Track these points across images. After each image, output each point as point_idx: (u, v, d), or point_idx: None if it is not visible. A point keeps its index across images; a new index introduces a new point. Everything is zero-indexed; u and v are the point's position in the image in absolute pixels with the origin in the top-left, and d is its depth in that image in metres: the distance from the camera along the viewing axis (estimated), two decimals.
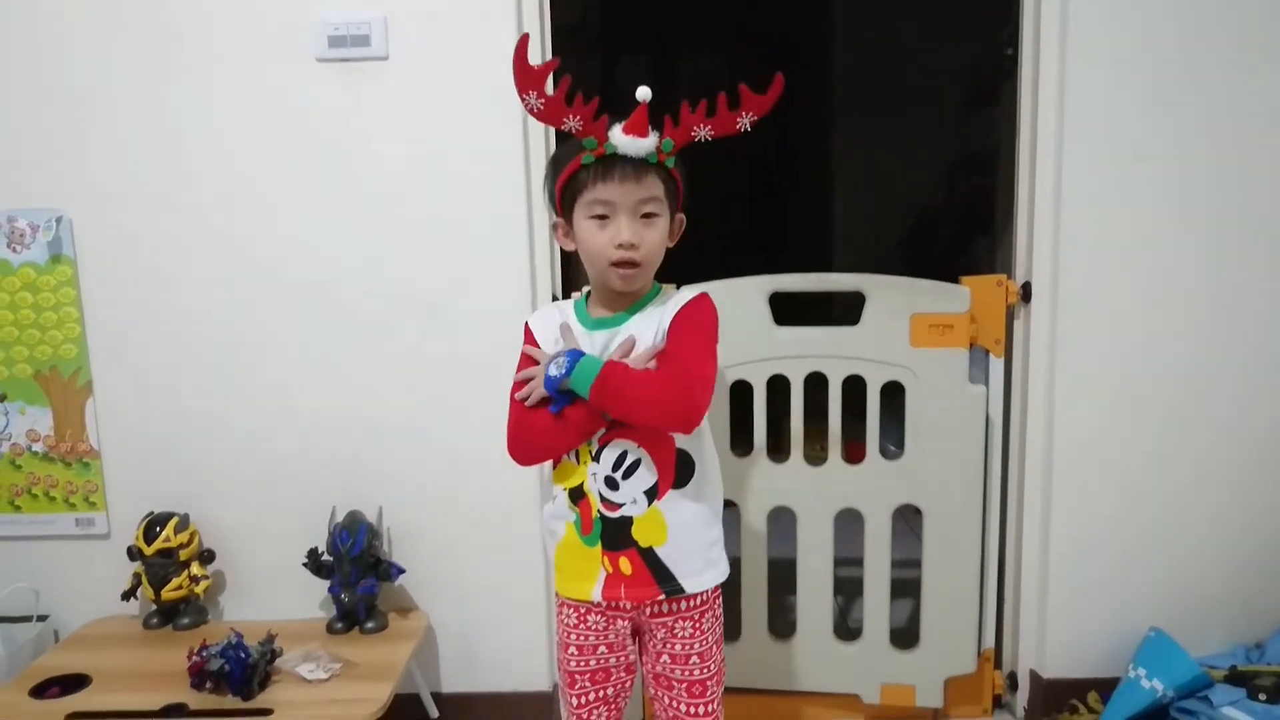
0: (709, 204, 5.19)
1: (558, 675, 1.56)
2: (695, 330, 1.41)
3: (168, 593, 2.04)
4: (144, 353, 2.06)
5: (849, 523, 2.15)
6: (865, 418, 2.10)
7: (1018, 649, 2.21)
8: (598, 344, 1.44)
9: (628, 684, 1.54)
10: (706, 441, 1.49)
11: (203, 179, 2.01)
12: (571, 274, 2.30)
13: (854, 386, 2.09)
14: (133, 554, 2.04)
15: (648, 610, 1.48)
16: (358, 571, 2.00)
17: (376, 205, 2.01)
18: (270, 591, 2.13)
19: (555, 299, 2.08)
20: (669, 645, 1.49)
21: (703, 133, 1.40)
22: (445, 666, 2.16)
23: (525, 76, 1.37)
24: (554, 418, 1.41)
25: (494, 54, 1.95)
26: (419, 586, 2.13)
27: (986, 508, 2.12)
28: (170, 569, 2.04)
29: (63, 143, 2.00)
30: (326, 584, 2.03)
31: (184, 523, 2.06)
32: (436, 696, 2.14)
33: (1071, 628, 2.13)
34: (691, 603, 1.48)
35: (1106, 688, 2.07)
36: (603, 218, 1.39)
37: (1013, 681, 2.22)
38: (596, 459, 1.43)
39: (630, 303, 1.46)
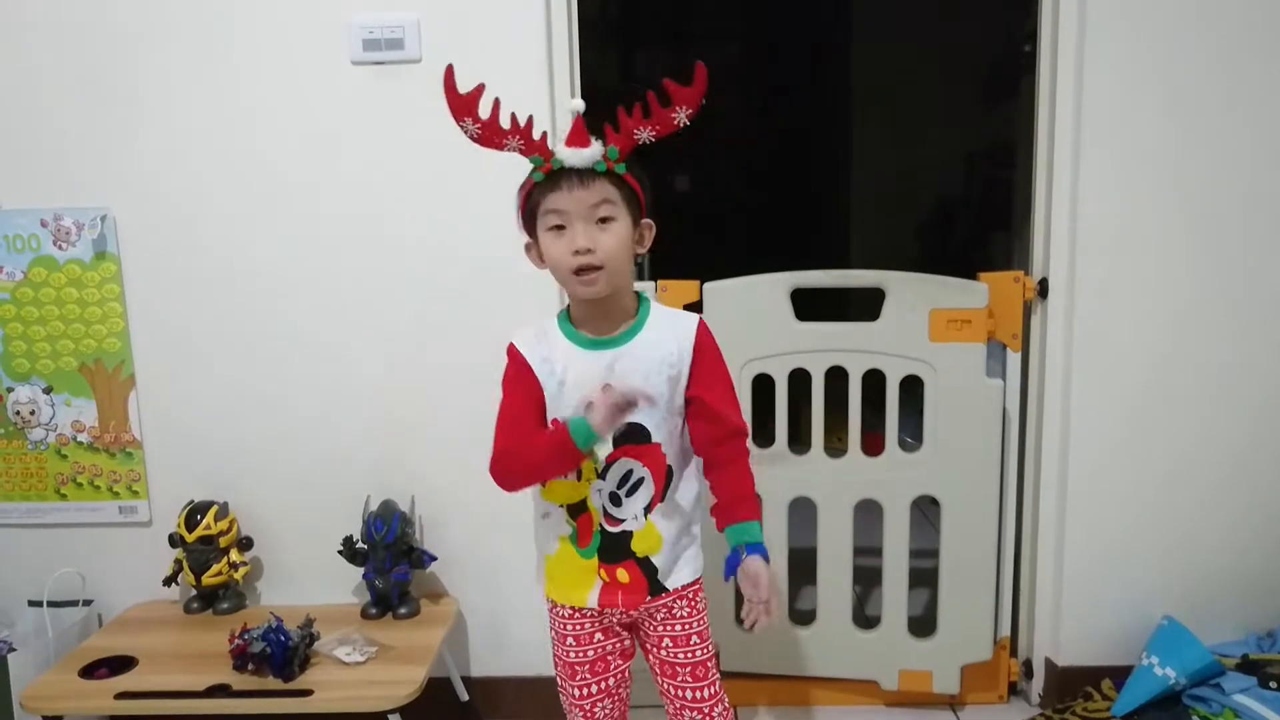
0: (728, 197, 5.23)
1: (555, 670, 1.58)
2: (724, 376, 1.48)
3: (208, 578, 2.10)
4: (185, 347, 2.13)
5: (868, 513, 2.20)
6: (885, 411, 2.15)
7: (1033, 637, 2.25)
8: (601, 364, 1.43)
9: (625, 672, 1.57)
10: (686, 455, 1.51)
11: (243, 178, 2.07)
12: None
13: (874, 380, 2.13)
14: (174, 541, 2.11)
15: (642, 621, 1.54)
16: (391, 559, 2.06)
17: (410, 202, 2.06)
18: (306, 577, 2.19)
19: None
20: (669, 628, 1.53)
21: (645, 134, 1.39)
22: (475, 651, 2.22)
23: (457, 105, 1.39)
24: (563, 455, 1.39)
25: (524, 54, 1.99)
26: (450, 573, 2.19)
27: (1003, 499, 2.16)
28: (210, 555, 2.10)
29: (108, 142, 2.06)
30: (361, 571, 2.10)
31: (223, 511, 2.13)
32: (466, 680, 2.21)
33: (1086, 616, 2.17)
34: (679, 602, 1.52)
35: (1120, 675, 2.11)
36: (560, 228, 1.39)
37: (1028, 669, 2.27)
38: (602, 476, 1.46)
39: (625, 320, 1.46)
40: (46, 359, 2.14)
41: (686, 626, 1.53)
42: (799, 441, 2.19)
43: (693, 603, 1.54)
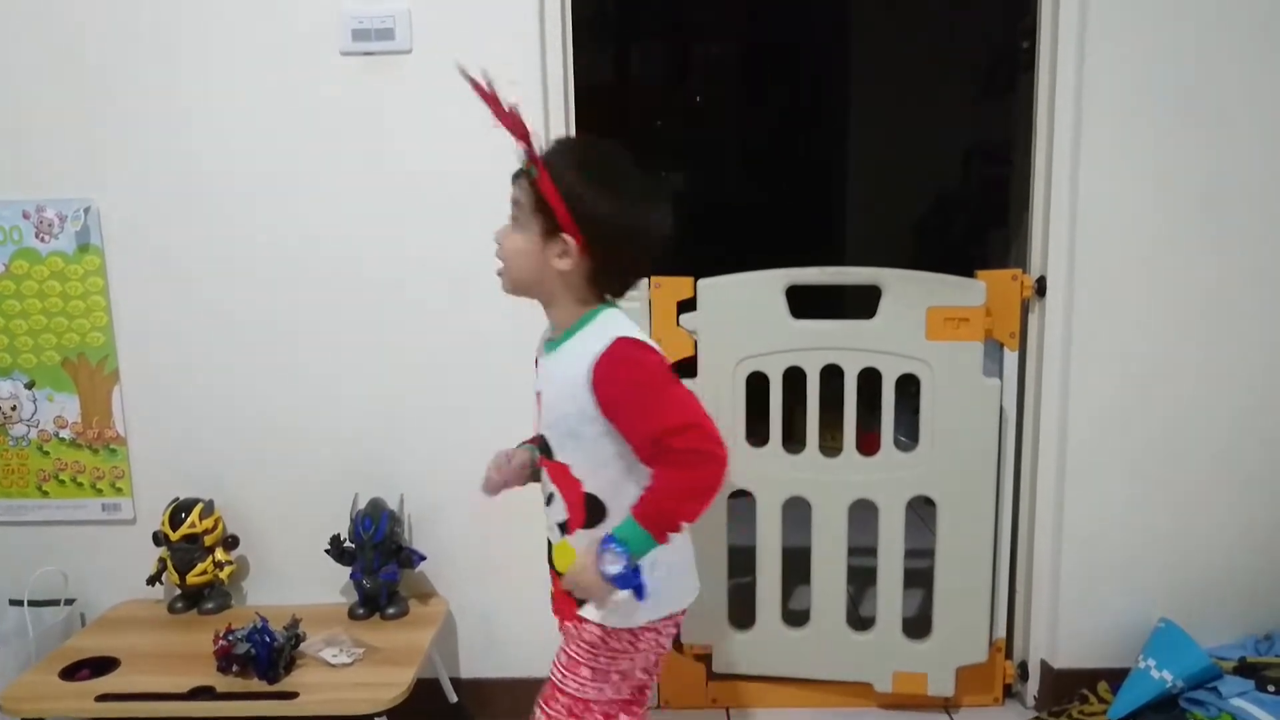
0: (723, 193, 5.22)
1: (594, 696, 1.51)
2: (630, 398, 1.33)
3: (192, 578, 2.07)
4: (170, 341, 2.09)
5: (863, 513, 2.17)
6: (880, 410, 2.13)
7: (1029, 639, 2.23)
8: (542, 368, 1.48)
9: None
10: (627, 491, 1.37)
11: (229, 170, 2.03)
12: None
13: (869, 379, 2.11)
14: (158, 539, 2.08)
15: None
16: (379, 558, 2.03)
17: (398, 196, 2.03)
18: (293, 577, 2.16)
19: None
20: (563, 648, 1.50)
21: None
22: (464, 652, 2.20)
23: (518, 129, 1.38)
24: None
25: (515, 45, 1.97)
26: (439, 573, 2.16)
27: (999, 499, 2.15)
28: (195, 554, 2.07)
29: (91, 133, 2.02)
30: (348, 570, 2.07)
31: (209, 509, 2.10)
32: (455, 681, 2.18)
33: (1082, 618, 2.16)
34: (577, 628, 1.46)
35: (1116, 678, 2.09)
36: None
37: (1023, 671, 2.25)
38: (537, 478, 1.52)
39: (561, 327, 1.44)
40: (29, 353, 2.11)
41: (565, 650, 1.49)
42: (794, 440, 2.16)
43: (581, 637, 1.45)
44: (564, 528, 1.45)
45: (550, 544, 1.50)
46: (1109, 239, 2.02)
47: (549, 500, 1.48)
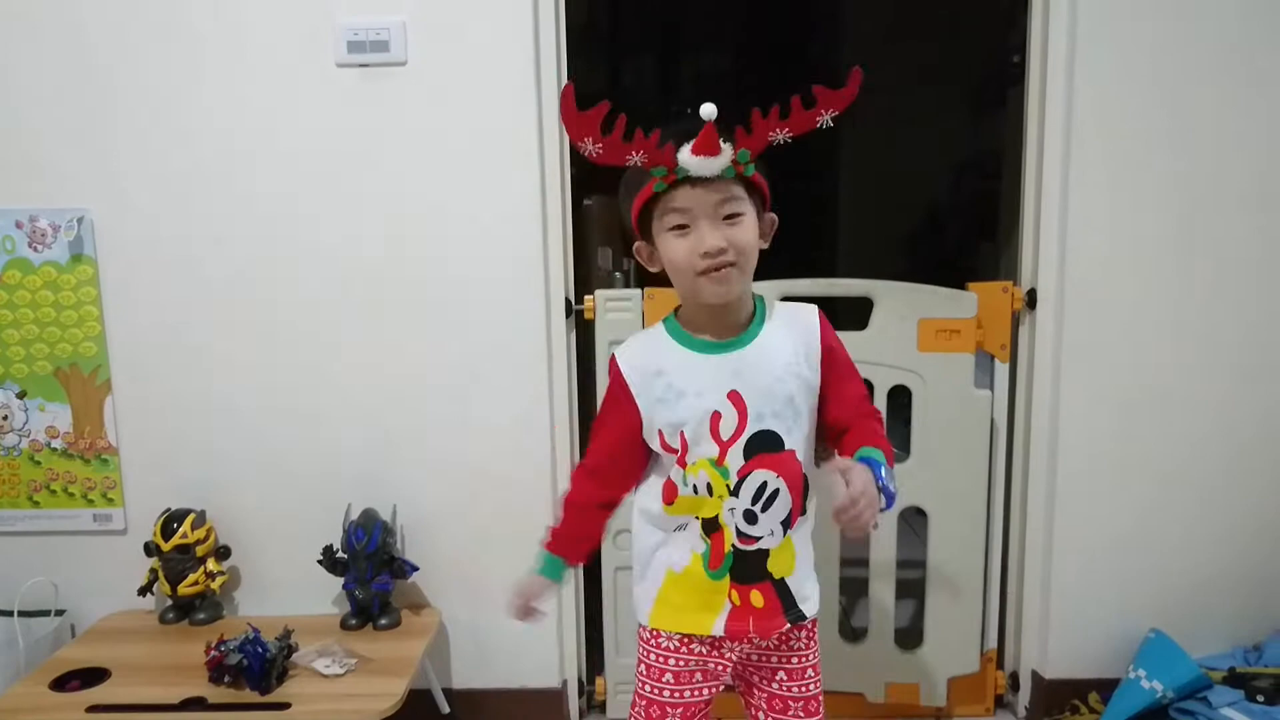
0: None
1: (635, 708, 1.47)
2: (845, 359, 1.41)
3: (184, 588, 2.06)
4: (163, 351, 2.09)
5: None
6: None
7: (1020, 649, 2.24)
8: (727, 369, 1.35)
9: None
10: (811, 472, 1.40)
11: (223, 180, 2.03)
12: (584, 274, 2.34)
13: None
14: (150, 550, 2.07)
15: (755, 656, 1.45)
16: (372, 568, 2.03)
17: (392, 207, 2.04)
18: (285, 588, 2.16)
19: (568, 301, 2.11)
20: (785, 660, 1.45)
21: (780, 136, 1.32)
22: (457, 662, 2.19)
23: (577, 125, 1.28)
24: None
25: (510, 58, 1.98)
26: (432, 583, 2.16)
27: (990, 511, 2.16)
28: (187, 565, 2.06)
29: (86, 142, 2.02)
30: (341, 580, 2.06)
31: (200, 519, 2.09)
32: (448, 692, 2.17)
33: (1073, 629, 2.16)
34: (798, 634, 1.44)
35: (1107, 688, 2.10)
36: (683, 227, 1.30)
37: (1014, 681, 2.26)
38: (735, 493, 1.34)
39: (743, 320, 1.38)
40: (21, 363, 2.10)
41: (803, 660, 1.45)
42: None
43: (811, 634, 1.46)
44: (787, 524, 1.36)
45: (734, 557, 1.37)
46: (1099, 252, 2.03)
47: (767, 504, 1.35)
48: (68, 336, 2.09)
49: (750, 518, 1.35)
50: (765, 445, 1.34)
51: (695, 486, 1.36)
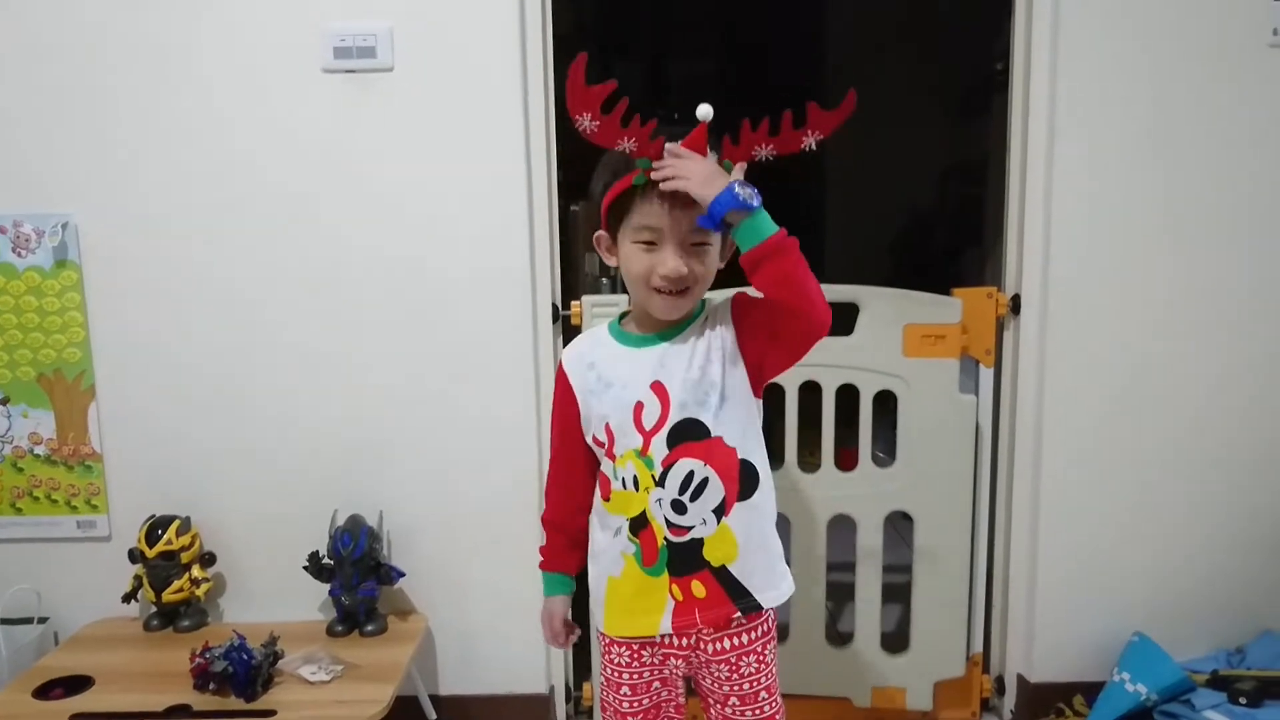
0: None
1: (603, 716, 1.51)
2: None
3: (169, 595, 2.05)
4: (147, 357, 2.08)
5: (841, 529, 2.19)
6: (858, 426, 2.14)
7: (1005, 653, 2.25)
8: (651, 360, 1.36)
9: None
10: (762, 448, 1.42)
11: (209, 186, 2.03)
12: (571, 280, 2.34)
13: (847, 395, 2.12)
14: (134, 556, 2.06)
15: (710, 647, 1.41)
16: (358, 574, 2.03)
17: (379, 213, 2.03)
18: (270, 594, 2.15)
19: (555, 306, 2.11)
20: (737, 687, 1.43)
21: (764, 152, 1.34)
22: (444, 669, 2.18)
23: (581, 98, 1.28)
24: None
25: (497, 63, 1.98)
26: (418, 590, 2.16)
27: (975, 515, 2.17)
28: (172, 571, 2.05)
29: (69, 148, 2.01)
30: (327, 587, 2.06)
31: (185, 525, 2.08)
32: (435, 699, 2.17)
33: (1058, 633, 2.17)
34: (754, 633, 1.42)
35: (1092, 691, 2.11)
36: (650, 244, 1.32)
37: (1000, 685, 2.27)
38: (661, 483, 1.34)
39: (680, 320, 1.39)
40: (4, 369, 2.09)
41: (755, 684, 1.44)
42: (772, 457, 2.14)
43: (761, 655, 1.43)
44: (720, 511, 1.35)
45: (668, 550, 1.36)
46: (1082, 257, 2.05)
47: (695, 493, 1.34)
48: (51, 342, 2.08)
49: (679, 507, 1.35)
50: (689, 434, 1.34)
51: (624, 480, 1.37)
